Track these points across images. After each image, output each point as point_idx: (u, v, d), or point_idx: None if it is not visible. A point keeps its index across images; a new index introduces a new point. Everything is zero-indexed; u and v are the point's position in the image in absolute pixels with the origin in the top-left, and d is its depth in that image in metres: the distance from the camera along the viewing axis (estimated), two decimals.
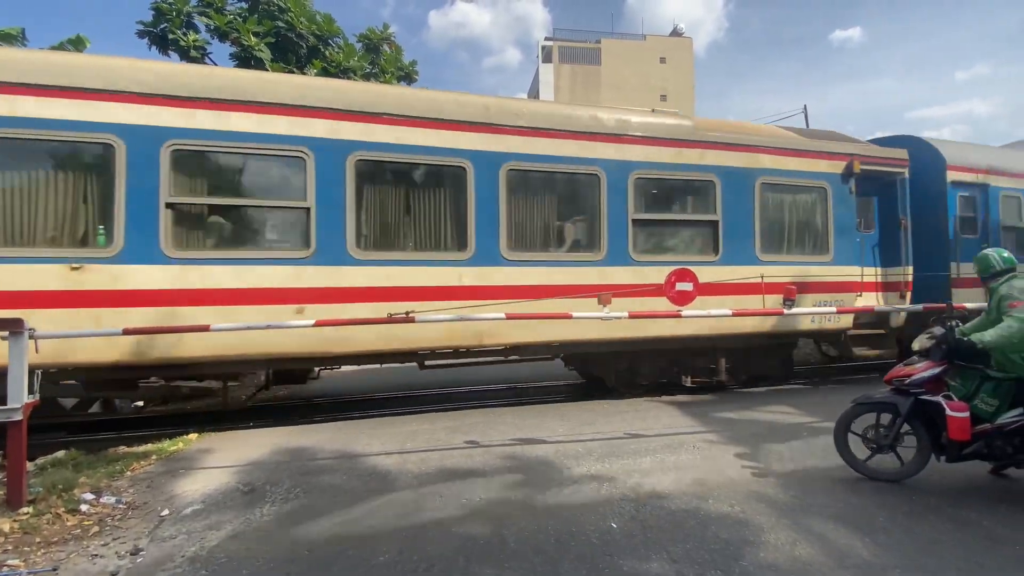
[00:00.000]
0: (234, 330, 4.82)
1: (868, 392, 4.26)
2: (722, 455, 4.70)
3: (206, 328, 4.58)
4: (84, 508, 3.71)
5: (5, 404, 3.74)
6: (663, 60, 47.31)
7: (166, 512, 3.68)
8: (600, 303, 5.45)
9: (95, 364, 4.99)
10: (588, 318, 5.54)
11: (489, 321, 5.68)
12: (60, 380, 5.13)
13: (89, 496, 3.88)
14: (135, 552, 3.15)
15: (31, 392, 3.82)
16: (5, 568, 2.95)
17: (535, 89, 47.58)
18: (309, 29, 10.86)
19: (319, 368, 6.72)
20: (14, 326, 3.78)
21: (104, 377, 5.37)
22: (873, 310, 7.32)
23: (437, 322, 5.51)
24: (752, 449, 4.84)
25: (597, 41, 47.52)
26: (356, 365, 7.22)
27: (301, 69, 10.77)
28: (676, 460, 4.57)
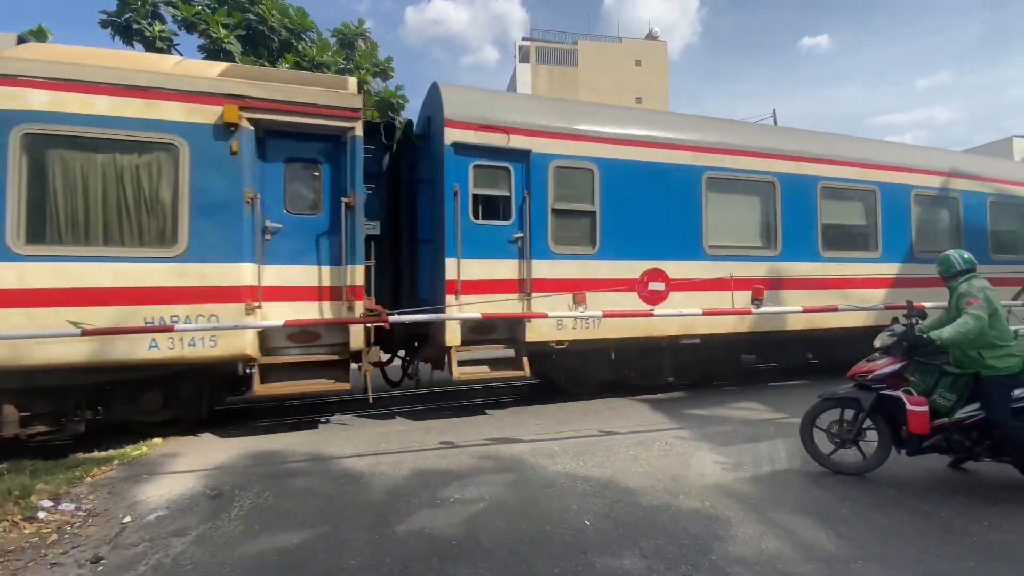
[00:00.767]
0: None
1: (833, 388, 4.40)
2: (693, 451, 4.78)
3: None
4: (42, 515, 3.56)
5: None
6: (638, 63, 47.86)
7: (128, 519, 3.56)
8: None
9: None
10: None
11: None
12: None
13: (47, 503, 3.73)
14: (96, 560, 3.04)
15: None
16: None
17: (512, 89, 47.59)
18: (281, 22, 10.62)
19: None
20: None
21: None
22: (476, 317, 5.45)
23: None
24: (722, 445, 4.95)
25: (574, 42, 47.79)
26: None
27: (273, 63, 10.52)
28: (648, 457, 4.63)
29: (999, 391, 3.64)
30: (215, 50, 9.79)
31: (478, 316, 5.36)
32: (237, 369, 5.34)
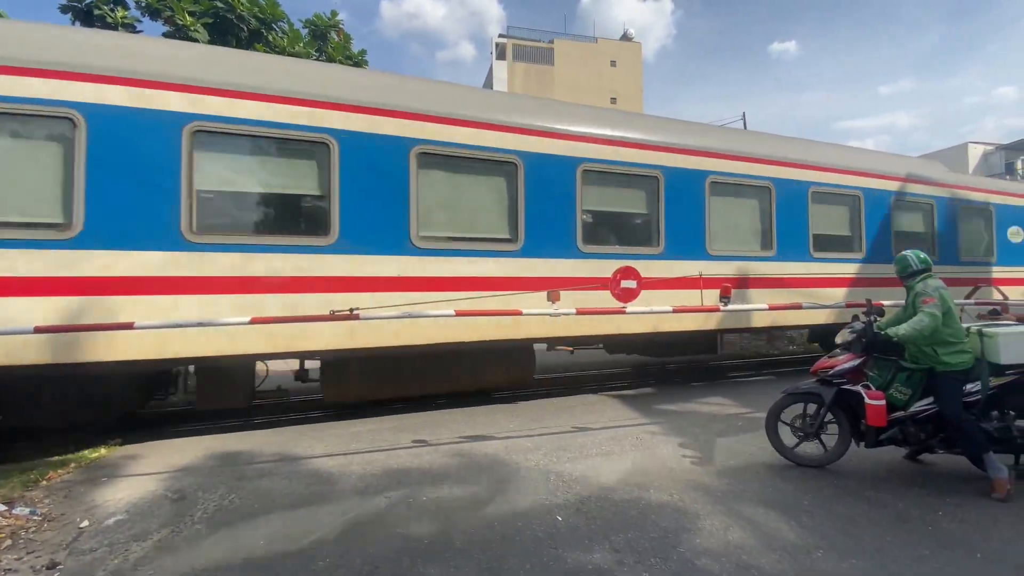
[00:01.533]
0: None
1: (796, 383, 4.54)
2: (663, 446, 4.87)
3: None
4: None
5: None
6: (613, 63, 48.28)
7: (86, 523, 3.42)
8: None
9: None
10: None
11: None
12: None
13: (0, 507, 3.56)
14: (52, 566, 2.91)
15: None
16: None
17: (489, 86, 47.45)
18: (250, 11, 10.34)
19: None
20: None
21: None
22: None
23: None
24: (691, 439, 5.05)
25: (550, 41, 47.89)
26: None
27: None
28: (620, 452, 4.69)
29: (952, 386, 3.80)
30: (180, 38, 9.46)
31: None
32: None
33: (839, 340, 4.32)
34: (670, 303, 6.29)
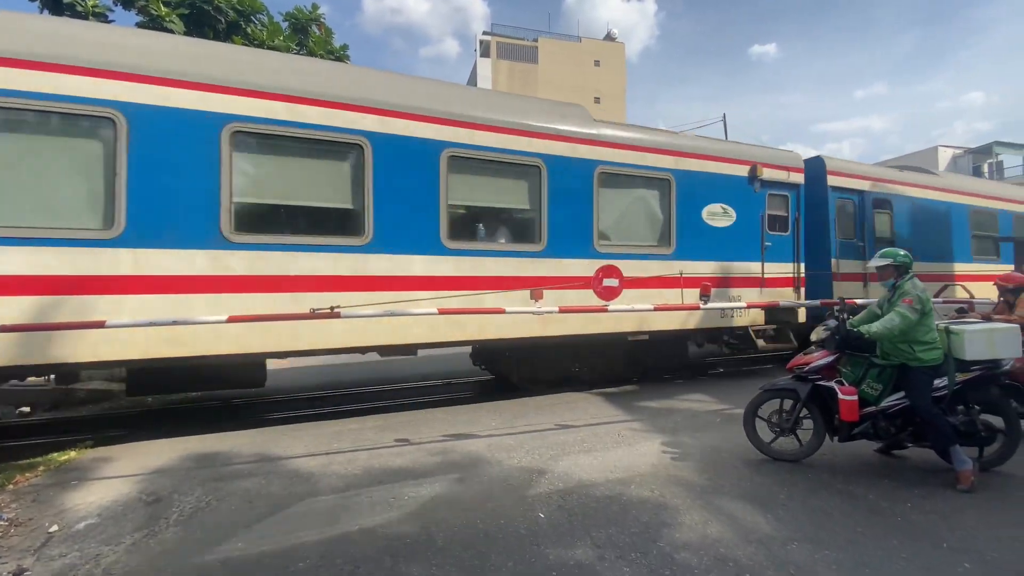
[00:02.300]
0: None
1: (773, 380, 4.63)
2: (644, 442, 4.93)
3: None
4: None
5: None
6: (597, 63, 48.56)
7: (55, 528, 3.33)
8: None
9: None
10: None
11: None
12: None
13: None
14: (19, 573, 2.82)
15: None
16: None
17: (473, 83, 47.29)
18: (228, 3, 10.11)
19: None
20: None
21: None
22: None
23: None
24: (671, 436, 5.12)
25: (534, 39, 47.93)
26: None
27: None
28: (602, 449, 4.74)
29: (923, 381, 3.93)
30: (154, 28, 9.22)
31: None
32: None
33: (814, 337, 4.44)
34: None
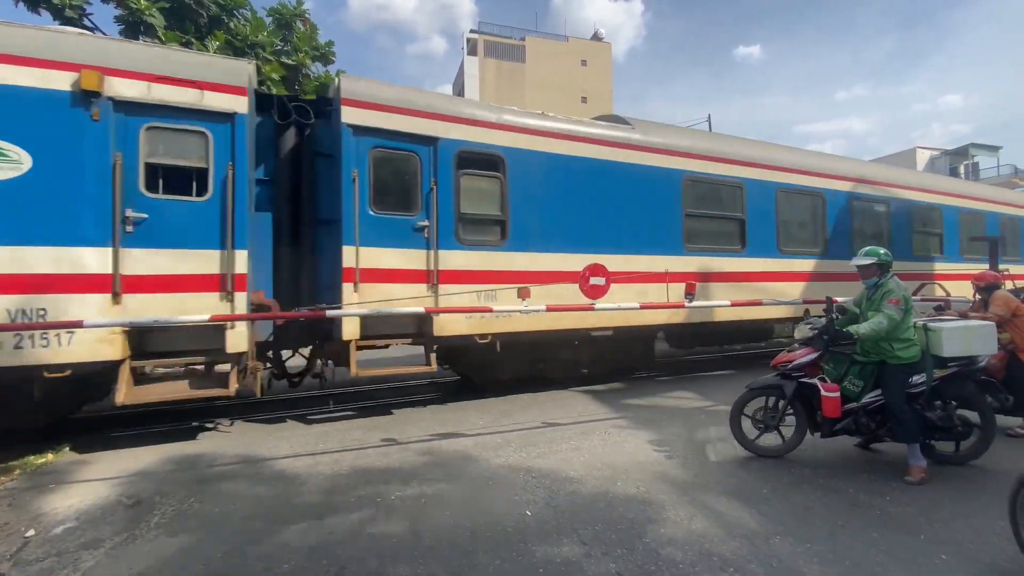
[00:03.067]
0: None
1: (758, 378, 4.69)
2: (630, 439, 4.96)
3: None
4: None
5: None
6: (584, 63, 48.67)
7: (32, 532, 3.25)
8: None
9: None
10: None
11: None
12: None
13: None
14: None
15: None
16: None
17: (460, 81, 47.14)
18: None
19: None
20: None
21: None
22: None
23: None
24: (657, 432, 5.16)
25: (522, 38, 47.88)
26: None
27: (201, 40, 9.84)
28: (589, 446, 4.76)
29: (900, 378, 4.02)
30: (134, 23, 9.05)
31: (379, 312, 5.21)
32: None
33: (799, 336, 4.50)
34: None
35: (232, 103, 5.12)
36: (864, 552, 2.97)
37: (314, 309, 5.33)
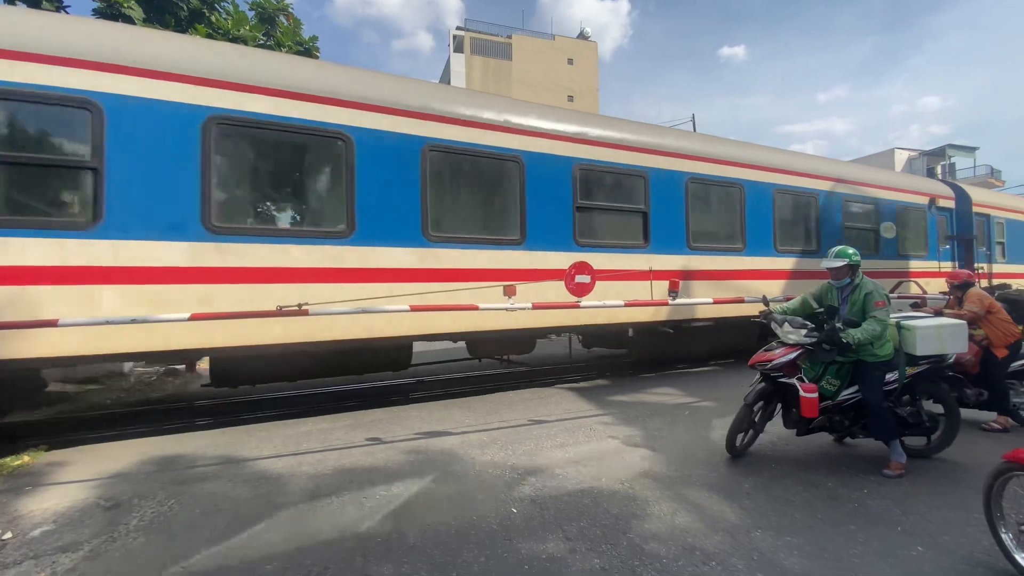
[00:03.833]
0: None
1: (747, 390, 4.49)
2: (615, 436, 5.00)
3: None
4: None
5: None
6: (571, 61, 48.77)
7: (8, 535, 3.18)
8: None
9: None
10: None
11: None
12: None
13: None
14: None
15: None
16: None
17: (447, 78, 46.88)
18: None
19: None
20: None
21: None
22: None
23: None
24: (641, 429, 5.21)
25: (508, 36, 47.80)
26: None
27: (182, 33, 9.65)
28: (574, 443, 4.78)
29: (877, 375, 4.08)
30: (112, 14, 8.85)
31: None
32: None
33: (793, 339, 4.23)
34: None
35: None
36: (842, 544, 3.04)
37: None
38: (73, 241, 4.60)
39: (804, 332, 4.22)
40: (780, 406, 4.42)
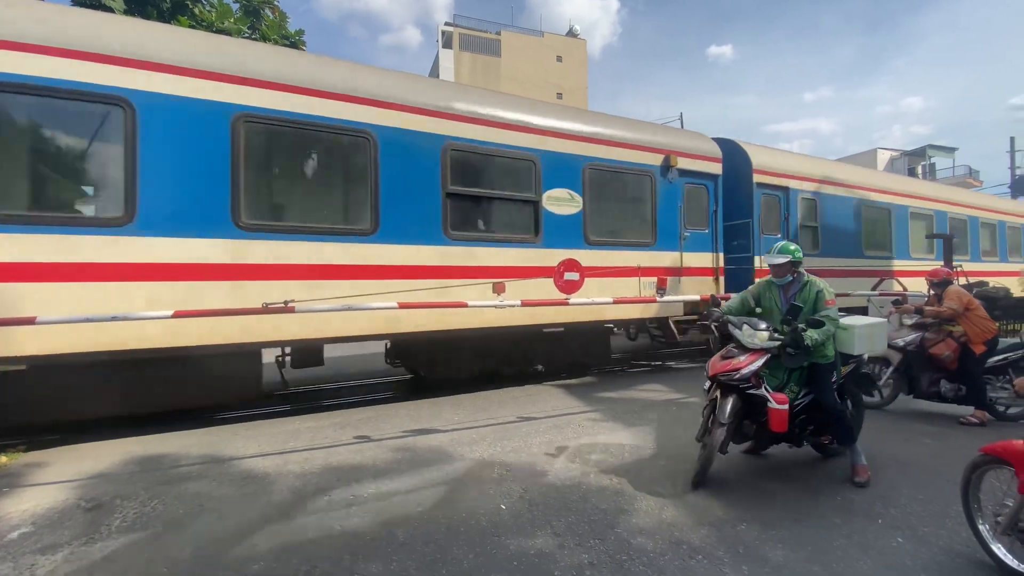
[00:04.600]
0: None
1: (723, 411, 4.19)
2: (604, 432, 5.03)
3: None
4: None
5: None
6: (559, 59, 48.78)
7: None
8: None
9: None
10: None
11: None
12: None
13: None
14: None
15: None
16: None
17: (435, 74, 46.61)
18: None
19: None
20: None
21: None
22: None
23: None
24: (629, 425, 5.24)
25: (497, 32, 47.65)
26: None
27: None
28: (563, 439, 4.80)
29: (828, 376, 3.92)
30: (92, 6, 8.65)
31: None
32: None
33: (759, 344, 3.77)
34: None
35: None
36: (826, 537, 3.09)
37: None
38: (104, 239, 4.74)
39: (767, 335, 3.78)
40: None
